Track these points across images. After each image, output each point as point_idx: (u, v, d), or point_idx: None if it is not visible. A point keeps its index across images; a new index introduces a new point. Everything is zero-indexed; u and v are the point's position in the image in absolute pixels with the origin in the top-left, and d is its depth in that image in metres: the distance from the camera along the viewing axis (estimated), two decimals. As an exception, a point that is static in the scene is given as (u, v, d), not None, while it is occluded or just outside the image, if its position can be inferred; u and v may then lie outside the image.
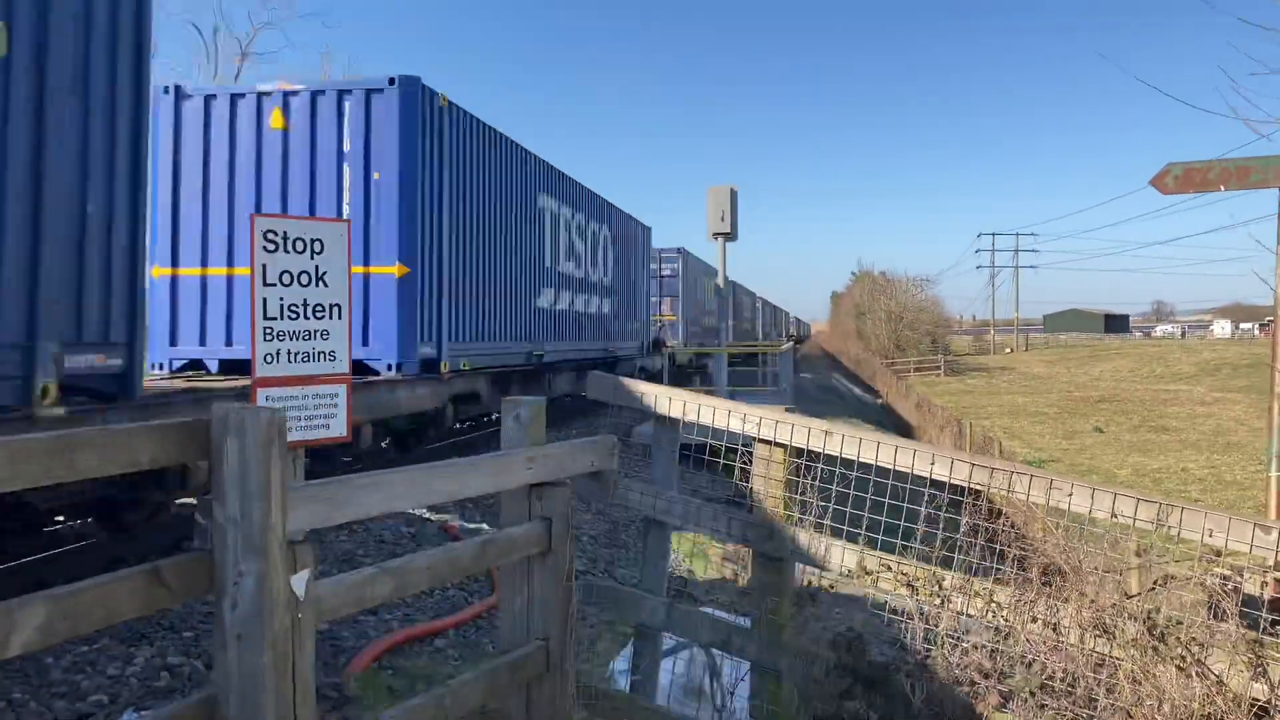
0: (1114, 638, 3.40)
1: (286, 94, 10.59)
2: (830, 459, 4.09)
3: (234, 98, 10.71)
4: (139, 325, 6.62)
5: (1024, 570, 3.81)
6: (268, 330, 5.11)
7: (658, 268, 28.02)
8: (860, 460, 3.99)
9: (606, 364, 19.41)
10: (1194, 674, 3.24)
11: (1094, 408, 37.20)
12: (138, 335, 6.58)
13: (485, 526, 9.61)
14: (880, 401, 41.97)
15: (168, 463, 2.73)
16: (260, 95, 10.64)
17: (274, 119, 10.56)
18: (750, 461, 4.26)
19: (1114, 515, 3.56)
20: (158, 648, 5.91)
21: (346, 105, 10.44)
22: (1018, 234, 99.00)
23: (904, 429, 31.75)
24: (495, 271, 13.22)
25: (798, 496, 4.13)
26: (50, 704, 5.04)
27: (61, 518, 7.74)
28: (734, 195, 19.20)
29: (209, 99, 10.73)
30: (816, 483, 4.09)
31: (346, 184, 10.45)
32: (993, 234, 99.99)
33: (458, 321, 11.80)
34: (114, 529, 7.55)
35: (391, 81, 10.43)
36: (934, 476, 3.87)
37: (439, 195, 11.20)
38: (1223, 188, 4.66)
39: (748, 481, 4.25)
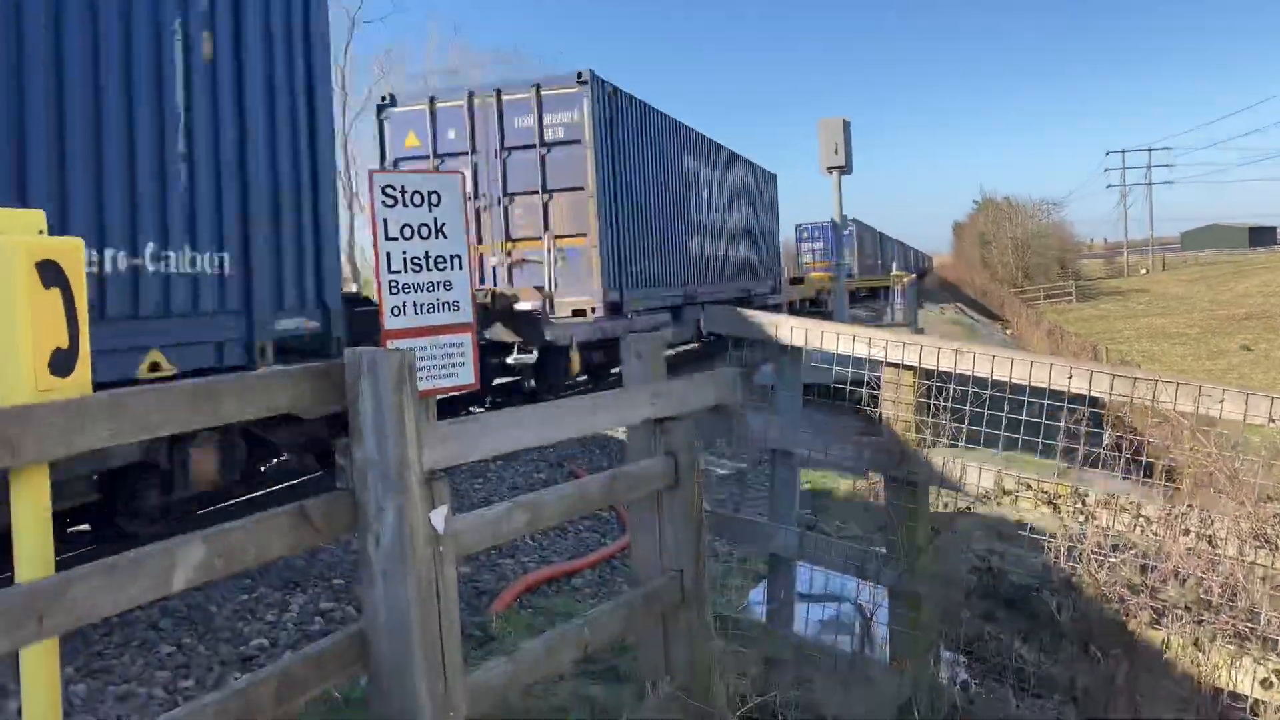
0: (1277, 548, 3.23)
1: None
2: (963, 379, 3.97)
3: None
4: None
5: (1173, 484, 3.64)
6: (393, 284, 5.22)
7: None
8: (994, 379, 3.87)
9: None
10: (1367, 583, 3.06)
11: (1240, 326, 35.35)
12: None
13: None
14: (1009, 334, 40.70)
15: (305, 407, 2.82)
16: None
17: None
18: (879, 391, 4.17)
19: (1271, 420, 3.36)
20: (310, 594, 6.20)
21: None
22: (1149, 149, 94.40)
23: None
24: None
25: (930, 419, 4.03)
26: (216, 648, 5.35)
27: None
28: (847, 127, 18.69)
29: None
30: (949, 404, 3.98)
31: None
32: (1122, 151, 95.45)
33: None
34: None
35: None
36: (1073, 390, 3.71)
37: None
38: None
39: (876, 408, 4.18)
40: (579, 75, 13.94)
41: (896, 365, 4.05)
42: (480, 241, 14.33)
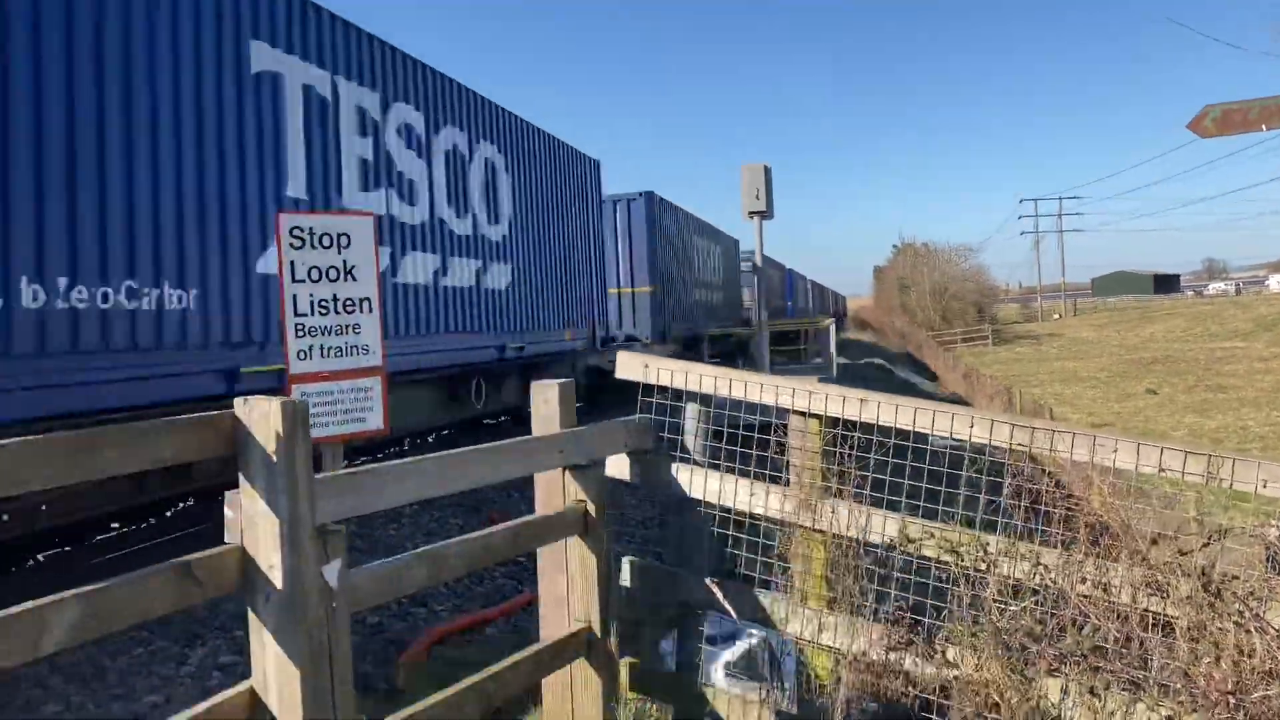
0: (1168, 596, 3.29)
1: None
2: (868, 428, 4.00)
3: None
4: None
5: (1071, 532, 3.70)
6: (299, 327, 5.12)
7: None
8: (898, 427, 3.91)
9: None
10: (1252, 629, 3.13)
11: (1147, 369, 36.51)
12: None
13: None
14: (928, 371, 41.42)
15: (194, 458, 2.72)
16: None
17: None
18: (787, 436, 4.19)
19: (1161, 470, 3.44)
20: (211, 647, 5.99)
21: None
22: (1060, 198, 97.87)
23: (954, 401, 31.30)
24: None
25: (835, 467, 4.05)
26: (108, 706, 5.12)
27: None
28: (768, 173, 18.96)
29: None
30: (854, 452, 4.00)
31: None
32: (1035, 199, 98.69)
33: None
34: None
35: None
36: (973, 439, 3.77)
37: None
38: (1264, 127, 4.48)
39: (784, 455, 4.19)
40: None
41: (803, 414, 4.08)
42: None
